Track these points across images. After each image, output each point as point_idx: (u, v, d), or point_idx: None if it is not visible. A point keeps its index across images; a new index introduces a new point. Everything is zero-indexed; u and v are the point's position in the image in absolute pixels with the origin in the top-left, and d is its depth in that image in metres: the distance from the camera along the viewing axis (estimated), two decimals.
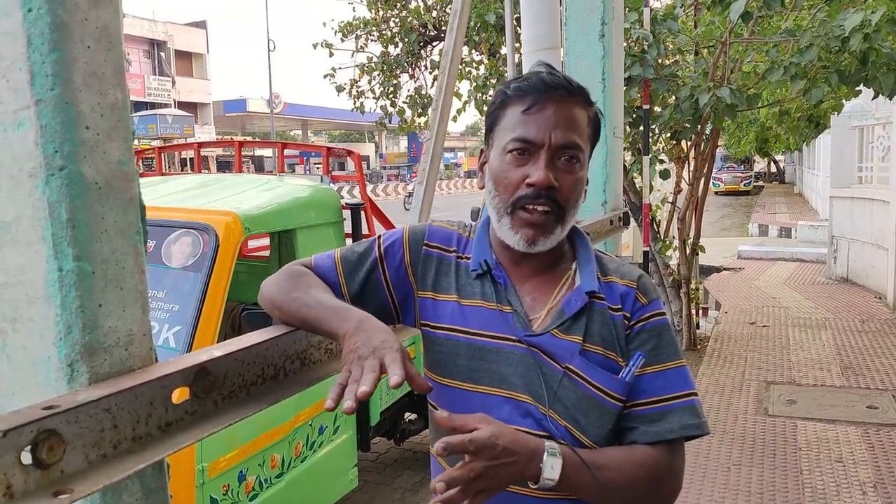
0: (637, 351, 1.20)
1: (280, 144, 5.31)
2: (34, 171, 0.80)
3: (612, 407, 1.18)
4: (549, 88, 1.20)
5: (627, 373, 1.18)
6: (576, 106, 1.22)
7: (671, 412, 1.18)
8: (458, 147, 64.83)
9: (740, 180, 29.64)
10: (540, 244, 1.20)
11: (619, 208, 3.04)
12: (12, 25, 0.79)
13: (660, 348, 1.21)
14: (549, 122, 1.18)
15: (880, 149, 9.41)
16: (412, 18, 8.64)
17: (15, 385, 0.85)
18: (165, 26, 38.01)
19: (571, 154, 1.20)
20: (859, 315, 7.86)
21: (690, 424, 1.18)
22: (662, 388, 1.19)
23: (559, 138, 1.18)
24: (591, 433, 1.17)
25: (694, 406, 1.20)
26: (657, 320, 1.23)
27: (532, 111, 1.19)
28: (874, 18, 4.43)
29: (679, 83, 5.65)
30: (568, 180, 1.19)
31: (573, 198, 1.21)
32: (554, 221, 1.20)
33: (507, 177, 1.21)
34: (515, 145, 1.19)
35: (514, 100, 1.22)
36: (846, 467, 4.21)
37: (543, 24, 2.88)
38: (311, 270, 1.30)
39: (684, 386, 1.20)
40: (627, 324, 1.22)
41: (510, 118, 1.22)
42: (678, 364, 1.22)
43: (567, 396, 1.16)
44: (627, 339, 1.21)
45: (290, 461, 3.27)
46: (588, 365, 1.17)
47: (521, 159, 1.20)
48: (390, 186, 36.95)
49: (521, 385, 1.18)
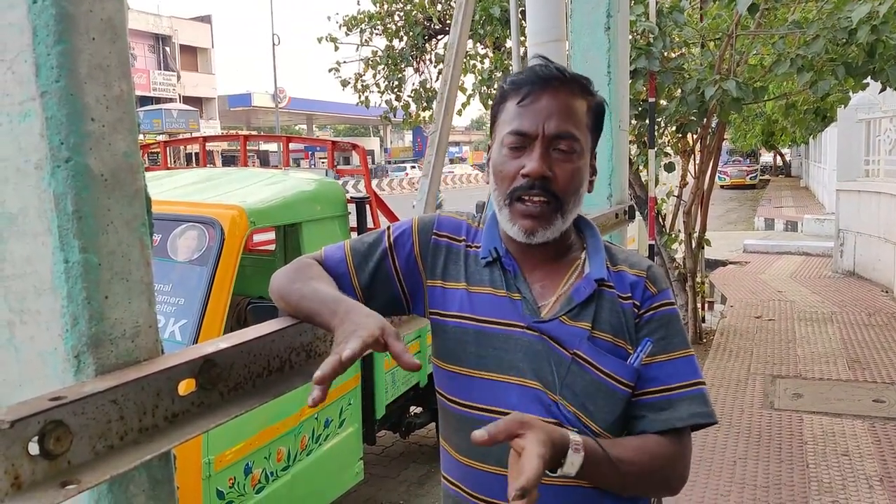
0: (647, 338, 1.20)
1: (285, 139, 5.32)
2: (40, 163, 0.80)
3: (622, 393, 1.18)
4: (541, 80, 1.20)
5: (636, 359, 1.18)
6: (571, 96, 1.22)
7: (680, 400, 1.18)
8: (464, 141, 64.78)
9: (746, 174, 29.56)
10: (539, 235, 1.20)
11: (625, 202, 3.04)
12: (18, 17, 0.79)
13: (669, 337, 1.22)
14: (542, 112, 1.19)
15: (887, 142, 9.37)
16: (417, 12, 8.62)
17: (22, 376, 0.86)
18: (170, 21, 38.04)
19: (567, 144, 1.19)
20: (866, 309, 7.83)
21: (699, 413, 1.18)
22: (671, 377, 1.19)
23: (552, 128, 1.18)
24: (599, 419, 1.17)
25: (702, 394, 1.20)
26: (667, 309, 1.24)
27: (525, 103, 1.20)
28: (882, 10, 4.39)
29: (685, 76, 5.63)
30: (564, 170, 1.19)
31: (571, 188, 1.21)
32: (552, 212, 1.20)
33: (504, 169, 1.22)
34: (511, 138, 1.21)
35: (510, 93, 1.24)
36: (852, 461, 4.20)
37: (548, 16, 2.87)
38: (322, 262, 1.31)
39: (693, 375, 1.21)
40: (637, 312, 1.22)
41: (507, 112, 1.23)
42: (686, 353, 1.22)
43: (575, 382, 1.17)
44: (637, 328, 1.21)
45: (295, 454, 3.28)
46: (596, 351, 1.18)
47: (516, 151, 1.20)
48: (395, 181, 36.92)
49: (530, 371, 1.18)
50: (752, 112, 11.66)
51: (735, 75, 5.46)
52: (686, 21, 5.85)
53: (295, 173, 4.21)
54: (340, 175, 4.66)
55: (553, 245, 1.25)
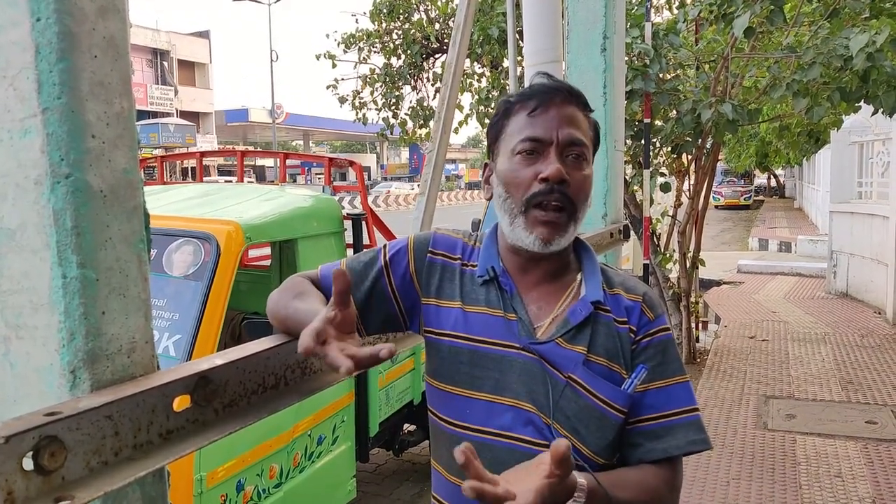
0: (641, 364, 1.20)
1: (282, 154, 5.33)
2: (40, 179, 0.81)
3: (614, 419, 1.17)
4: (551, 91, 1.24)
5: (630, 385, 1.18)
6: (577, 108, 1.25)
7: (676, 428, 1.19)
8: (460, 158, 64.99)
9: (740, 194, 29.69)
10: (555, 244, 1.20)
11: (620, 221, 3.05)
12: (21, 35, 0.80)
13: (665, 363, 1.22)
14: (554, 120, 1.21)
15: (880, 164, 9.43)
16: (415, 31, 8.69)
17: (18, 392, 0.86)
18: (169, 36, 38.16)
19: (578, 151, 1.22)
20: (859, 330, 7.85)
21: (695, 440, 1.19)
22: (666, 404, 1.20)
23: (566, 135, 1.21)
24: (592, 444, 1.16)
25: (698, 421, 1.21)
26: (663, 335, 1.24)
27: (537, 112, 1.22)
28: (879, 39, 4.45)
29: (681, 97, 5.68)
30: (577, 176, 1.21)
31: (583, 195, 1.22)
32: (567, 219, 1.21)
33: (518, 176, 1.22)
34: (524, 146, 1.21)
35: (518, 106, 1.25)
36: (845, 482, 4.19)
37: (545, 37, 2.90)
38: (317, 281, 1.31)
39: (688, 401, 1.21)
40: (634, 338, 1.22)
41: (516, 123, 1.24)
42: (682, 379, 1.23)
43: (569, 406, 1.16)
44: (633, 354, 1.21)
45: (288, 471, 3.26)
46: (591, 375, 1.17)
47: (530, 158, 1.21)
48: (391, 197, 36.98)
49: (524, 393, 1.17)
50: (747, 133, 11.76)
51: (730, 97, 5.51)
52: (682, 43, 5.92)
53: (291, 189, 4.21)
54: (336, 191, 4.67)
55: (551, 264, 1.25)
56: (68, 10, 0.80)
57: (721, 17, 5.13)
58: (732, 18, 4.89)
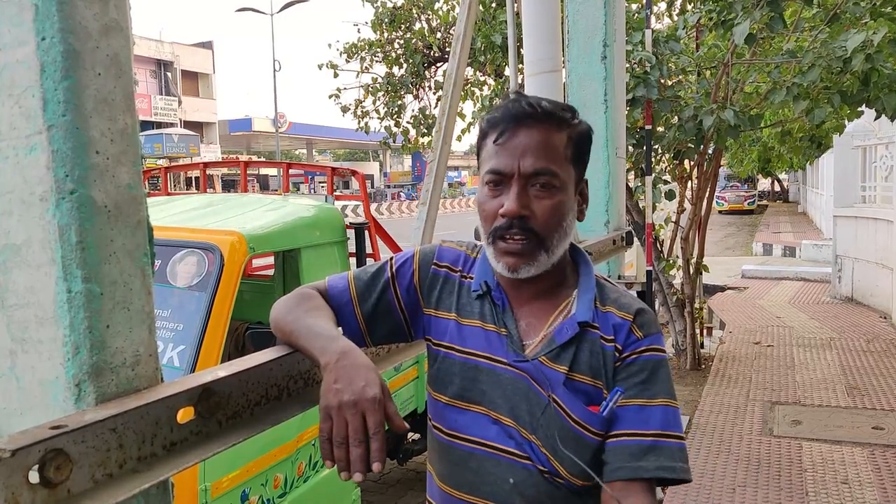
0: (622, 384, 1.16)
1: (285, 164, 5.35)
2: (45, 195, 0.82)
3: (590, 441, 1.15)
4: (514, 117, 1.19)
5: (605, 408, 1.15)
6: (548, 131, 1.19)
7: (653, 449, 1.12)
8: (463, 166, 65.02)
9: (744, 199, 29.62)
10: (523, 271, 1.19)
11: (622, 228, 3.06)
12: (26, 54, 0.81)
13: (650, 383, 1.17)
14: (517, 150, 1.17)
15: (883, 168, 9.42)
16: (416, 40, 8.72)
17: (23, 405, 0.87)
18: (172, 47, 38.33)
19: (545, 181, 1.17)
20: (864, 335, 7.83)
21: (669, 467, 1.12)
22: (644, 423, 1.14)
23: (528, 166, 1.17)
24: (569, 464, 1.15)
25: (680, 449, 1.14)
26: (652, 355, 1.19)
27: (501, 141, 1.19)
28: (876, 39, 4.45)
29: (682, 104, 5.69)
30: (543, 206, 1.18)
31: (552, 223, 1.18)
32: (534, 248, 1.18)
33: (485, 208, 1.21)
34: (489, 177, 1.20)
35: (488, 131, 1.23)
36: (852, 489, 4.17)
37: (546, 46, 2.91)
38: (325, 292, 1.32)
39: (670, 426, 1.15)
40: (618, 356, 1.19)
41: (486, 150, 1.23)
42: (667, 403, 1.16)
43: (550, 425, 1.16)
44: (616, 371, 1.18)
45: (292, 481, 3.27)
46: (570, 397, 1.16)
47: (496, 190, 1.20)
48: (394, 205, 37.03)
49: (506, 409, 1.19)
50: (749, 138, 11.74)
51: (731, 103, 5.52)
52: (682, 50, 5.93)
53: (294, 199, 4.23)
54: (339, 200, 4.69)
55: (543, 280, 1.24)
56: (72, 29, 0.81)
57: (721, 24, 5.14)
58: (732, 25, 4.90)
